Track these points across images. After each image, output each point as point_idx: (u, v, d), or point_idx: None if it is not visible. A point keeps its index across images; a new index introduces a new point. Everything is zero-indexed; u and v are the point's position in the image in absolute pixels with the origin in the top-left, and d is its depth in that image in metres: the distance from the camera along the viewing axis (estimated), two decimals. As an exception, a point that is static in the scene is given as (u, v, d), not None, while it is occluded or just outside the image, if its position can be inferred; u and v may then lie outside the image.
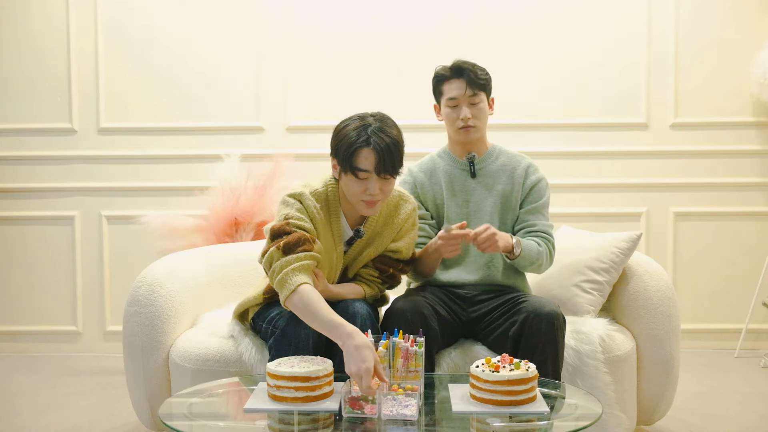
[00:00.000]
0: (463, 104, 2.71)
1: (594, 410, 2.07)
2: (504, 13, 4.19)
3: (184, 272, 2.89)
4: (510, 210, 2.75)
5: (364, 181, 2.38)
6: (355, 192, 2.40)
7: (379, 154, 2.35)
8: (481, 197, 2.75)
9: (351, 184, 2.40)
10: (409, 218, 2.60)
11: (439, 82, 2.77)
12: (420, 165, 2.85)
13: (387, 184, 2.41)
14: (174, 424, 1.99)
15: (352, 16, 4.21)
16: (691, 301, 4.22)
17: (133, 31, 4.24)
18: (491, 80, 2.78)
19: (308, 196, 2.44)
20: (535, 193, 2.75)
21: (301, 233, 2.36)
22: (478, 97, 2.72)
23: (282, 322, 2.40)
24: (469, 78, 2.70)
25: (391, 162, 2.37)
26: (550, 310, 2.45)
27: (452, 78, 2.73)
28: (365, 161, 2.36)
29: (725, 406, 3.31)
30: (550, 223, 2.77)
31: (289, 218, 2.39)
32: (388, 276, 2.61)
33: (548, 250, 2.70)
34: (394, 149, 2.37)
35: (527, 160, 2.81)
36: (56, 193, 4.29)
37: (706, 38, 4.16)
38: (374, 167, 2.36)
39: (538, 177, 2.77)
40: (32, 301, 4.32)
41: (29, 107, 4.27)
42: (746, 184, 4.20)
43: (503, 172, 2.76)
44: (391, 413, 1.97)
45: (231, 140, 4.22)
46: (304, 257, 2.33)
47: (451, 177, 2.78)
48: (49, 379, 3.79)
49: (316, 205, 2.44)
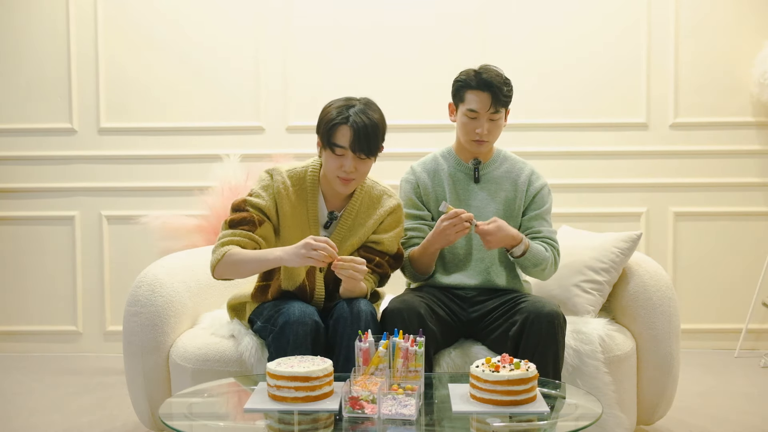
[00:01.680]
0: (483, 118, 2.66)
1: (594, 410, 2.07)
2: (505, 13, 4.19)
3: (184, 272, 2.89)
4: (512, 217, 2.74)
5: (341, 158, 2.49)
6: (332, 168, 2.51)
7: (355, 133, 2.46)
8: (484, 202, 2.74)
9: (329, 159, 2.52)
10: (392, 212, 2.64)
11: (462, 88, 2.69)
12: (423, 165, 2.82)
13: (363, 164, 2.51)
14: (174, 424, 1.99)
15: (352, 17, 4.21)
16: (691, 301, 4.22)
17: (133, 31, 4.23)
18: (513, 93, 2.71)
19: (280, 173, 2.58)
20: (539, 200, 2.75)
21: (249, 213, 2.52)
22: (499, 113, 2.68)
23: (281, 320, 2.41)
24: (495, 95, 2.63)
25: (367, 142, 2.47)
26: (551, 310, 2.45)
27: (477, 90, 2.65)
28: (342, 138, 2.47)
29: (725, 406, 3.31)
30: (554, 230, 2.76)
31: (250, 195, 2.55)
32: (375, 264, 2.61)
33: (554, 257, 2.69)
34: (371, 130, 2.48)
35: (530, 166, 2.81)
36: (56, 193, 4.29)
37: (706, 38, 4.16)
38: (350, 144, 2.46)
39: (541, 184, 2.77)
40: (32, 301, 4.32)
41: (29, 107, 4.27)
42: (746, 184, 4.20)
43: (507, 179, 2.76)
44: (390, 413, 1.97)
45: (231, 140, 4.22)
46: (239, 234, 2.50)
47: (454, 180, 2.77)
48: (49, 379, 3.79)
49: (286, 182, 2.56)
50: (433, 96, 4.19)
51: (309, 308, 2.45)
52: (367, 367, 2.17)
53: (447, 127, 4.19)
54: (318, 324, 2.42)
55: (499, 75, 2.66)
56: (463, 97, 2.68)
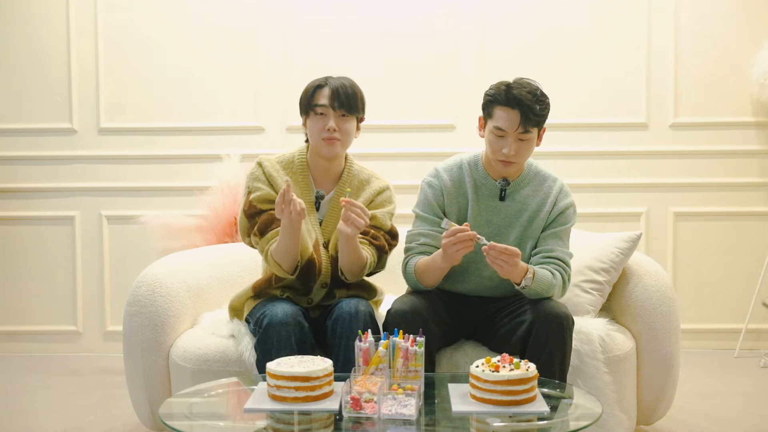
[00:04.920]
0: (510, 137, 2.48)
1: (594, 410, 2.07)
2: (505, 13, 4.18)
3: (184, 272, 2.89)
4: (531, 238, 2.61)
5: (323, 118, 2.58)
6: (316, 131, 2.59)
7: (334, 91, 2.57)
8: (507, 220, 2.61)
9: (312, 124, 2.61)
10: (381, 193, 2.70)
11: (491, 103, 2.51)
12: (449, 171, 2.66)
13: (345, 123, 2.59)
14: (174, 424, 1.99)
15: (352, 16, 4.21)
16: (691, 301, 4.22)
17: (133, 32, 4.23)
18: (549, 110, 2.52)
19: (269, 160, 2.66)
20: (561, 218, 2.62)
21: (267, 214, 2.58)
22: (530, 133, 2.49)
23: (265, 322, 2.43)
24: (525, 113, 2.45)
25: (347, 98, 2.57)
26: (560, 312, 2.43)
27: (506, 106, 2.46)
28: (322, 97, 2.58)
29: (725, 406, 3.31)
30: (570, 251, 2.63)
31: (252, 191, 2.61)
32: (372, 236, 2.61)
33: (562, 282, 2.56)
34: (350, 89, 2.59)
35: (559, 183, 2.66)
36: (56, 193, 4.29)
37: (705, 38, 4.16)
38: (329, 101, 2.56)
39: (567, 203, 2.63)
40: (32, 301, 4.31)
41: (29, 107, 4.27)
42: (746, 184, 4.20)
43: (534, 198, 2.62)
44: (390, 413, 1.97)
45: (231, 140, 4.22)
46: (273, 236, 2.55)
47: (478, 194, 2.62)
48: (49, 379, 3.79)
49: (276, 167, 2.65)
50: (433, 96, 4.20)
51: (293, 308, 2.46)
52: (367, 367, 2.17)
53: (447, 127, 4.20)
54: (302, 324, 2.43)
55: (532, 91, 2.47)
56: (492, 112, 2.51)
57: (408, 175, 4.00)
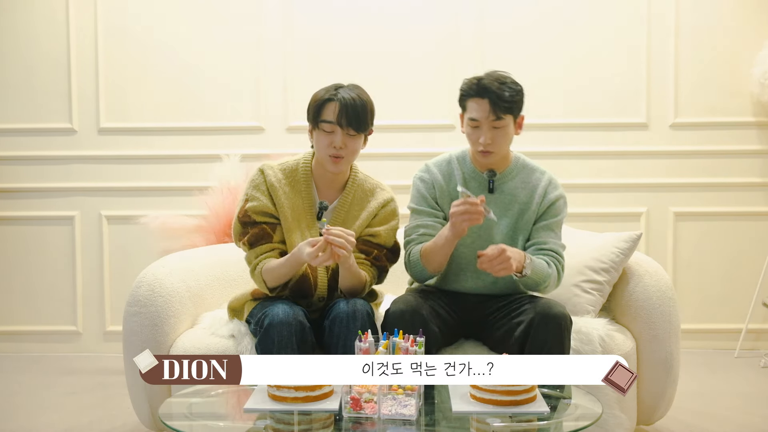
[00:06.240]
0: (485, 127, 2.53)
1: (594, 410, 2.07)
2: (505, 14, 4.18)
3: (184, 272, 2.89)
4: (522, 230, 2.64)
5: (330, 135, 2.52)
6: (323, 146, 2.54)
7: (343, 107, 2.50)
8: (496, 213, 2.60)
9: (319, 139, 2.55)
10: (385, 206, 2.66)
11: (463, 97, 2.58)
12: (438, 166, 2.71)
13: (352, 141, 2.54)
14: (174, 424, 1.99)
15: (352, 15, 4.21)
16: (691, 301, 4.22)
17: (133, 31, 4.23)
18: (523, 98, 2.57)
19: (272, 167, 2.62)
20: (552, 210, 2.64)
21: (260, 227, 2.56)
22: (503, 120, 2.52)
23: (266, 322, 2.42)
24: (493, 100, 2.49)
25: (356, 116, 2.50)
26: (558, 312, 2.43)
27: (476, 97, 2.53)
28: (330, 113, 2.51)
29: (725, 406, 3.31)
30: (563, 243, 2.66)
31: (250, 200, 2.58)
32: (374, 257, 2.62)
33: (557, 272, 2.60)
34: (359, 106, 2.51)
35: (548, 175, 2.69)
36: (56, 193, 4.29)
37: (706, 38, 4.16)
38: (337, 119, 2.50)
39: (557, 195, 2.66)
40: (32, 301, 4.31)
41: (29, 107, 4.27)
42: (746, 184, 4.20)
43: (523, 190, 2.65)
44: (390, 413, 1.97)
45: (231, 140, 4.22)
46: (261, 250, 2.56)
47: (468, 186, 2.65)
48: (49, 379, 3.79)
49: (278, 176, 2.60)
50: (433, 96, 4.20)
51: (294, 308, 2.45)
52: (367, 367, 2.17)
53: (447, 127, 4.20)
54: (303, 324, 2.42)
55: (499, 79, 2.52)
56: (466, 105, 2.58)
57: (408, 175, 3.94)
